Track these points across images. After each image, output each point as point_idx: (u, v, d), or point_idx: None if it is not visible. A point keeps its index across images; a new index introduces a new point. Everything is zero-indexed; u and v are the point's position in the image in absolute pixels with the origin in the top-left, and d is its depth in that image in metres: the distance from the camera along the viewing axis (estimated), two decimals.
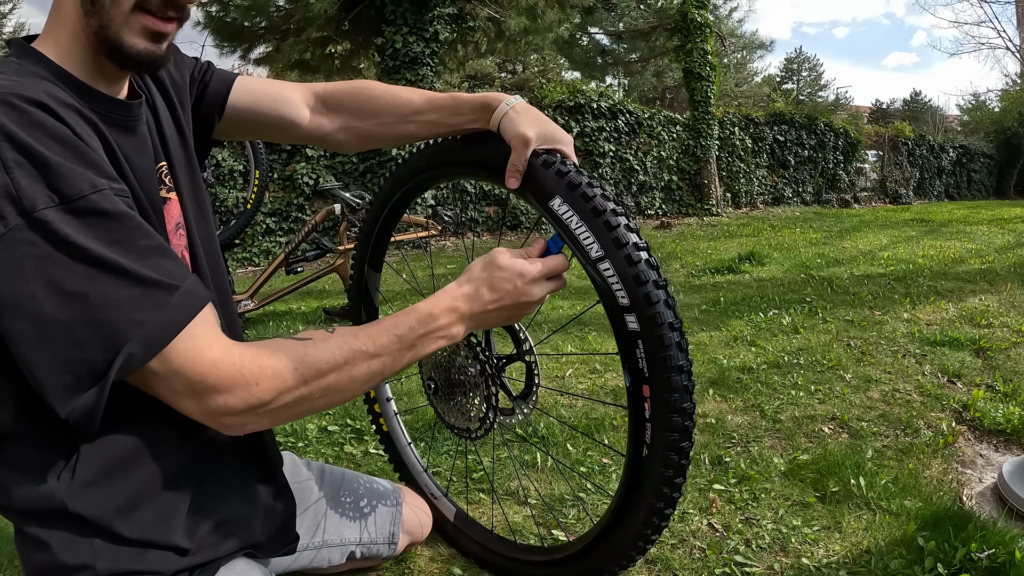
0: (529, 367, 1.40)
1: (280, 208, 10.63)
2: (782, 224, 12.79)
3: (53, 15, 1.03)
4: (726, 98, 42.30)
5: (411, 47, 10.94)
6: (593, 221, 1.13)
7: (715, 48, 16.09)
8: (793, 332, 4.85)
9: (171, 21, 1.02)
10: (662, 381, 1.08)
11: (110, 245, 0.84)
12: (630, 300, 1.10)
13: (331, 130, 1.44)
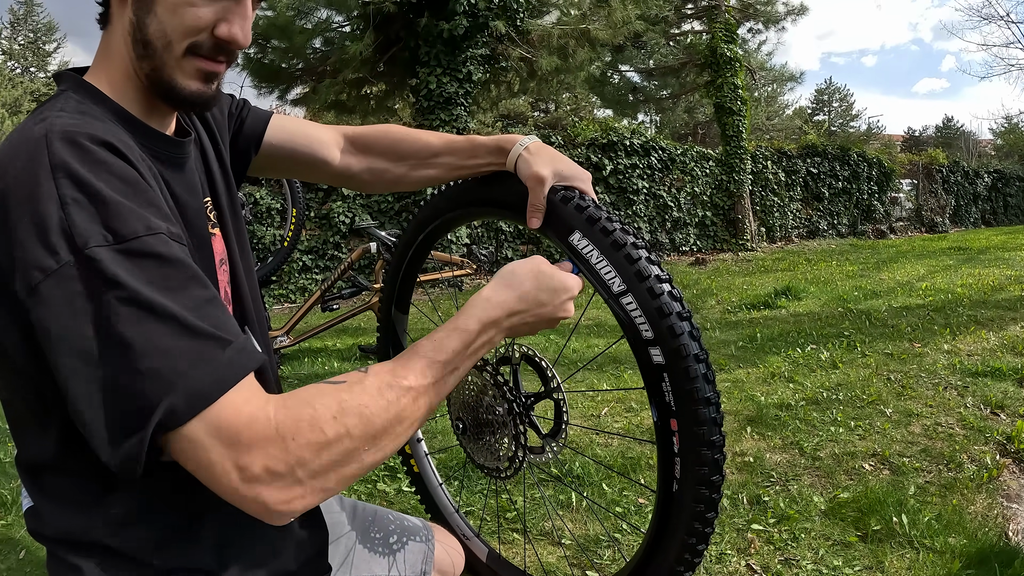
0: (558, 405, 1.39)
1: (316, 246, 10.76)
2: (818, 257, 12.69)
3: (103, 52, 1.04)
4: (758, 132, 42.22)
5: (445, 88, 11.08)
6: (614, 255, 1.12)
7: (745, 82, 16.10)
8: (831, 367, 4.79)
9: (222, 62, 1.03)
10: (689, 414, 1.06)
11: (162, 291, 0.80)
12: (654, 333, 1.08)
13: (358, 171, 1.47)
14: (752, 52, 20.18)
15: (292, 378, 5.55)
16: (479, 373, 1.43)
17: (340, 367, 5.81)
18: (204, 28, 0.97)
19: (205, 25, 0.97)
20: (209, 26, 0.97)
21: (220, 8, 0.98)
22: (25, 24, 50.07)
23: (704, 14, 17.70)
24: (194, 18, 0.96)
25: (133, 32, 0.98)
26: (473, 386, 1.45)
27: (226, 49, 1.00)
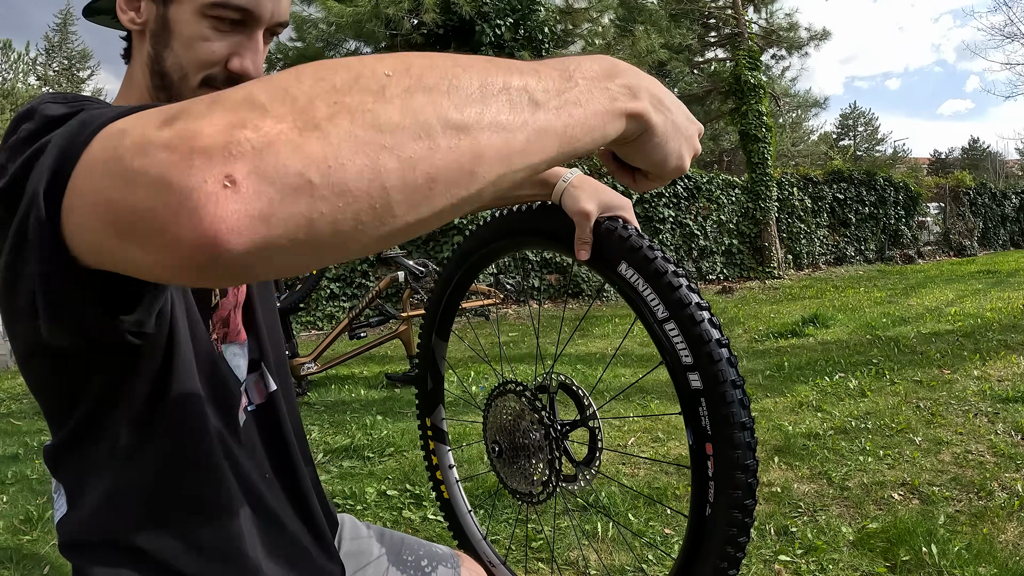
0: (592, 432, 1.42)
1: (344, 274, 10.86)
2: (845, 284, 12.62)
3: (125, 84, 1.10)
4: (783, 158, 42.08)
5: None
6: (657, 282, 1.17)
7: (770, 109, 16.08)
8: (860, 395, 4.76)
9: None
10: (725, 438, 1.08)
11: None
12: (693, 359, 1.11)
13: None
14: (776, 78, 20.20)
15: (319, 404, 5.60)
16: (518, 398, 1.46)
17: (367, 394, 5.85)
18: (217, 62, 1.01)
19: (218, 59, 1.01)
20: (222, 60, 1.02)
21: (232, 43, 1.02)
22: (60, 51, 51.23)
23: (727, 42, 17.80)
24: (208, 52, 1.00)
25: (151, 64, 1.03)
26: (510, 411, 1.48)
27: (239, 82, 0.96)
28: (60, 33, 51.46)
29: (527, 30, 10.92)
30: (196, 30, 1.00)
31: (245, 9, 1.00)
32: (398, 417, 5.00)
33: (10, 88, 42.51)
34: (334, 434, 4.67)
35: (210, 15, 0.99)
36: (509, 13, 10.73)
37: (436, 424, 1.86)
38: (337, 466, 4.04)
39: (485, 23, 10.57)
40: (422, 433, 1.88)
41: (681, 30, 16.34)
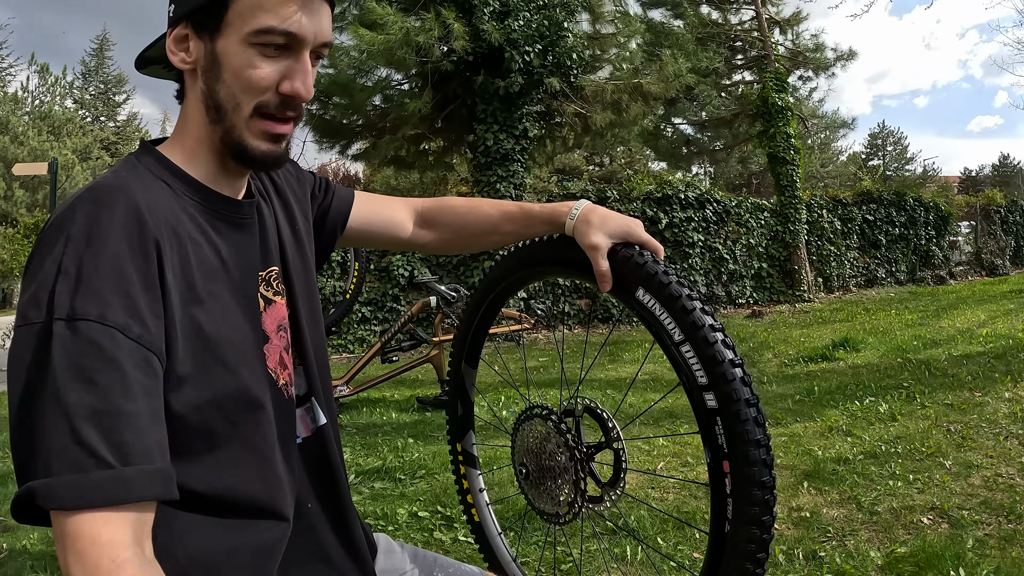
0: (617, 454, 1.45)
1: (376, 298, 10.98)
2: (876, 307, 12.51)
3: (179, 124, 1.14)
4: (812, 179, 41.82)
5: (502, 144, 11.33)
6: (672, 306, 1.21)
7: (798, 131, 16.03)
8: (890, 420, 4.75)
9: (288, 122, 1.10)
10: (741, 455, 1.12)
11: (78, 381, 0.83)
12: (708, 379, 1.15)
13: (428, 241, 1.60)
14: (803, 100, 20.13)
15: (351, 427, 5.66)
16: (544, 422, 1.51)
17: (398, 417, 5.91)
18: (268, 87, 1.05)
19: (269, 84, 1.05)
20: (273, 84, 1.06)
21: (282, 67, 1.06)
22: (96, 76, 52.30)
23: (754, 64, 17.80)
24: (258, 79, 1.04)
25: (205, 99, 1.08)
26: (537, 434, 1.52)
27: (292, 104, 1.08)
28: (97, 58, 52.62)
29: (555, 56, 11.01)
30: (244, 59, 1.04)
31: (289, 33, 1.04)
32: (429, 440, 5.05)
33: (47, 110, 43.33)
34: (366, 456, 4.73)
35: (256, 42, 1.03)
36: (538, 40, 10.83)
37: (467, 449, 1.90)
38: (369, 487, 4.10)
39: (514, 50, 10.68)
40: (453, 458, 1.93)
41: (708, 54, 16.37)
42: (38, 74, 46.61)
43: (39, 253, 0.90)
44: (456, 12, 10.85)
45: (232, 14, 1.03)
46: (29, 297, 0.87)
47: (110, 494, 0.81)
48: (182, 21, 1.07)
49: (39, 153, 36.15)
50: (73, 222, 0.91)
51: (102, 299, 0.87)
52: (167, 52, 1.09)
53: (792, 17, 18.31)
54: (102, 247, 0.90)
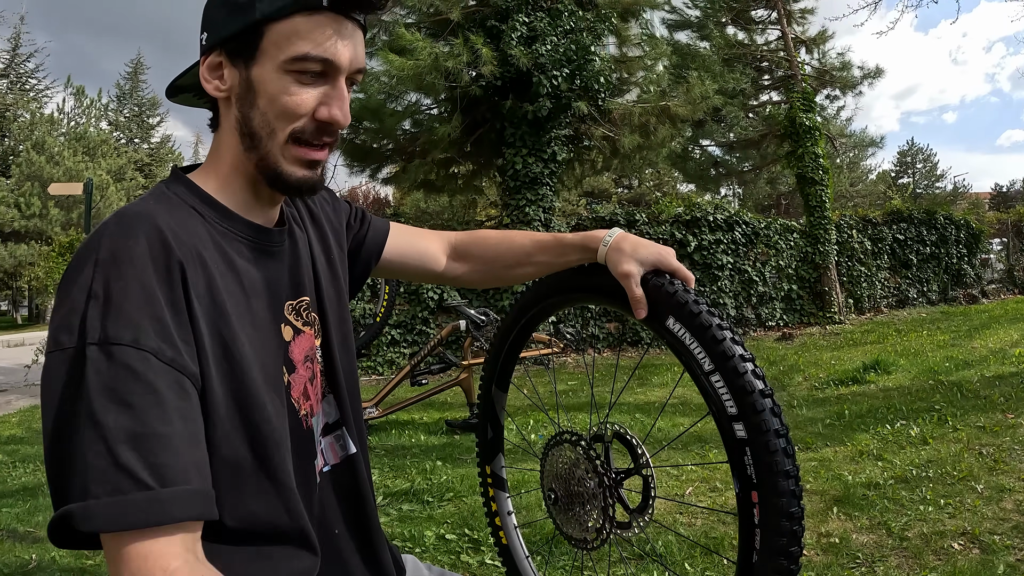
0: (646, 480, 1.45)
1: (405, 320, 11.05)
2: (908, 328, 12.38)
3: (213, 152, 1.15)
4: (842, 199, 41.48)
5: (530, 167, 11.39)
6: (703, 336, 1.22)
7: (826, 150, 15.93)
8: (922, 443, 4.71)
9: (323, 148, 1.11)
10: (770, 486, 1.12)
11: (115, 404, 0.84)
12: (738, 409, 1.17)
13: (461, 273, 1.62)
14: (831, 119, 20.00)
15: (379, 448, 5.71)
16: (573, 448, 1.52)
17: (426, 440, 5.94)
18: (304, 113, 1.06)
19: (305, 110, 1.06)
20: (309, 111, 1.06)
21: (318, 93, 1.07)
22: (130, 98, 53.22)
23: (781, 84, 17.75)
24: (294, 104, 1.05)
25: (240, 127, 1.09)
26: (566, 459, 1.54)
27: (328, 130, 1.09)
28: (131, 81, 53.56)
29: (583, 80, 11.08)
30: (280, 86, 1.05)
31: (325, 59, 1.05)
32: (458, 463, 5.08)
33: (83, 132, 44.06)
34: (394, 478, 4.77)
35: (292, 69, 1.05)
36: (565, 64, 10.91)
37: (496, 472, 1.93)
38: (396, 509, 4.13)
39: (542, 74, 10.76)
40: (482, 480, 1.95)
41: (735, 74, 16.35)
42: (74, 96, 47.40)
43: (68, 279, 0.92)
44: (484, 37, 10.97)
45: (267, 42, 1.05)
46: (60, 322, 0.89)
47: (149, 516, 0.82)
48: (216, 49, 1.09)
49: (74, 173, 36.72)
50: (100, 247, 0.92)
51: (134, 323, 0.88)
52: (201, 80, 1.10)
53: (818, 36, 18.24)
54: (129, 270, 0.91)
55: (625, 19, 13.16)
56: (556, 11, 11.34)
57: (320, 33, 1.04)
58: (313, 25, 1.04)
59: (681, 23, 18.58)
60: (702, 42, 17.95)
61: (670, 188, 38.65)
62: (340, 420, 1.29)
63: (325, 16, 1.05)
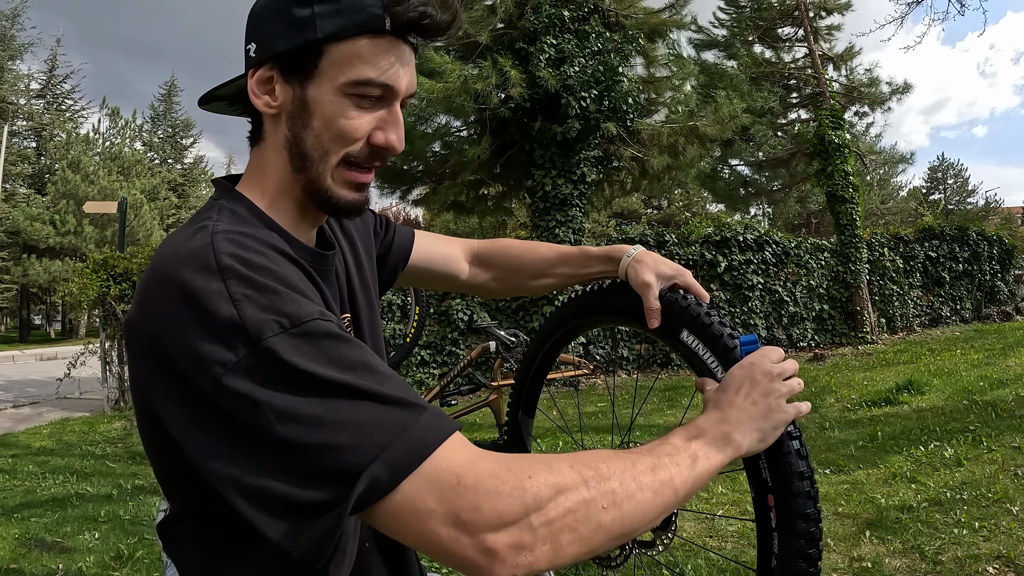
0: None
1: (435, 341, 11.10)
2: (941, 347, 12.23)
3: (255, 166, 1.12)
4: (872, 217, 41.11)
5: (560, 189, 11.46)
6: (715, 345, 1.24)
7: (856, 168, 15.79)
8: (956, 465, 4.66)
9: (372, 171, 1.10)
10: (784, 488, 1.13)
11: (343, 368, 0.80)
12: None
13: (483, 282, 1.64)
14: (860, 136, 19.88)
15: None
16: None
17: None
18: (360, 137, 1.04)
19: (361, 135, 1.04)
20: (365, 135, 1.04)
21: (375, 118, 1.05)
22: (164, 120, 54.15)
23: (809, 102, 17.71)
24: (351, 128, 1.03)
25: (289, 147, 1.06)
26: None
27: (381, 155, 1.07)
28: (165, 103, 54.51)
29: (611, 101, 11.13)
30: (337, 108, 1.02)
31: (387, 85, 1.03)
32: None
33: (117, 152, 44.85)
34: None
35: (352, 93, 1.02)
36: (593, 85, 10.97)
37: None
38: None
39: (570, 96, 10.84)
40: None
41: (763, 93, 16.35)
42: (109, 117, 48.38)
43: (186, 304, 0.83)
44: (513, 60, 11.08)
45: (326, 62, 1.02)
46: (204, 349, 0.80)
47: (440, 428, 0.80)
48: (267, 63, 1.05)
49: (109, 192, 37.34)
50: (220, 259, 0.86)
51: (306, 302, 0.86)
52: (249, 93, 1.07)
53: (845, 52, 18.20)
54: (268, 270, 0.88)
55: (652, 39, 13.20)
56: (583, 33, 11.42)
57: (383, 58, 1.03)
58: (375, 49, 1.03)
59: (708, 42, 18.65)
60: (729, 61, 17.99)
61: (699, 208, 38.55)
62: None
63: (387, 40, 1.04)
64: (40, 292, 42.62)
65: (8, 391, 14.12)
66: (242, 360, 0.78)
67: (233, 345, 0.79)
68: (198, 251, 0.88)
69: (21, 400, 12.58)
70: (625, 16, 12.50)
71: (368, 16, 1.01)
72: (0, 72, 42.09)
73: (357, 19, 1.01)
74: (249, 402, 0.77)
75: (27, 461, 7.09)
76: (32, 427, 9.56)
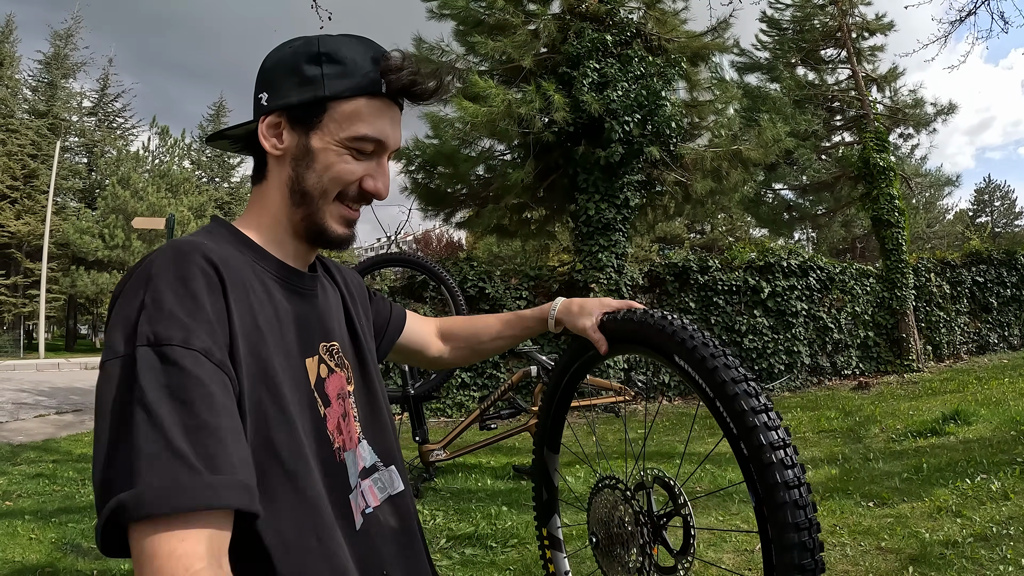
0: (686, 520, 1.44)
1: (476, 364, 11.11)
2: (989, 375, 11.94)
3: (255, 202, 1.27)
4: (918, 241, 40.47)
5: (603, 213, 11.46)
6: (701, 367, 1.26)
7: (901, 191, 15.56)
8: (1003, 498, 4.56)
9: (358, 210, 1.26)
10: (770, 499, 1.12)
11: (167, 399, 0.87)
12: (736, 429, 1.18)
13: (445, 352, 1.81)
14: (905, 158, 19.57)
15: (445, 491, 5.76)
16: (612, 491, 1.57)
17: (493, 484, 5.98)
18: (354, 181, 1.21)
19: (355, 179, 1.21)
20: (358, 180, 1.22)
21: (367, 166, 1.22)
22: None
23: (853, 124, 17.47)
24: (347, 173, 1.20)
25: (291, 184, 1.22)
26: (607, 504, 1.58)
27: (368, 198, 1.25)
28: (213, 123, 55.62)
29: (654, 125, 11.12)
30: (336, 157, 1.19)
31: (380, 141, 1.21)
32: (523, 509, 5.10)
33: (166, 169, 45.85)
34: (458, 521, 4.81)
35: (350, 145, 1.19)
36: (636, 109, 10.99)
37: (552, 533, 1.96)
38: (459, 553, 4.17)
39: (614, 120, 10.86)
40: (540, 543, 1.98)
41: (806, 116, 16.21)
42: (158, 135, 49.47)
43: (123, 295, 0.99)
44: (556, 84, 11.15)
45: (329, 117, 1.19)
46: (113, 333, 0.95)
47: (199, 499, 0.83)
48: (277, 112, 1.21)
49: (157, 209, 38.19)
50: (153, 266, 1.00)
51: (184, 326, 0.94)
52: (259, 136, 1.22)
53: (889, 73, 17.97)
54: (180, 283, 0.98)
55: (695, 63, 13.20)
56: (626, 57, 11.46)
57: (379, 119, 1.21)
58: (372, 109, 1.21)
59: (751, 65, 18.53)
60: (772, 84, 17.83)
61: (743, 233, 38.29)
62: (376, 464, 1.32)
63: (382, 101, 1.22)
64: (87, 303, 43.61)
65: (52, 398, 14.48)
66: (121, 358, 0.92)
67: (126, 342, 0.93)
68: (149, 256, 1.03)
69: (65, 407, 12.92)
70: (667, 40, 12.51)
71: (368, 80, 1.20)
72: (54, 89, 43.39)
73: (358, 82, 1.19)
74: (102, 386, 0.92)
75: (67, 467, 7.26)
76: (74, 434, 9.80)
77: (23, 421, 10.94)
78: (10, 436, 9.36)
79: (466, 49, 12.29)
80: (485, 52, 11.69)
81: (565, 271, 12.26)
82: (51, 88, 43.65)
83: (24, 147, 39.78)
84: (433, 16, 12.39)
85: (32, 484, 6.35)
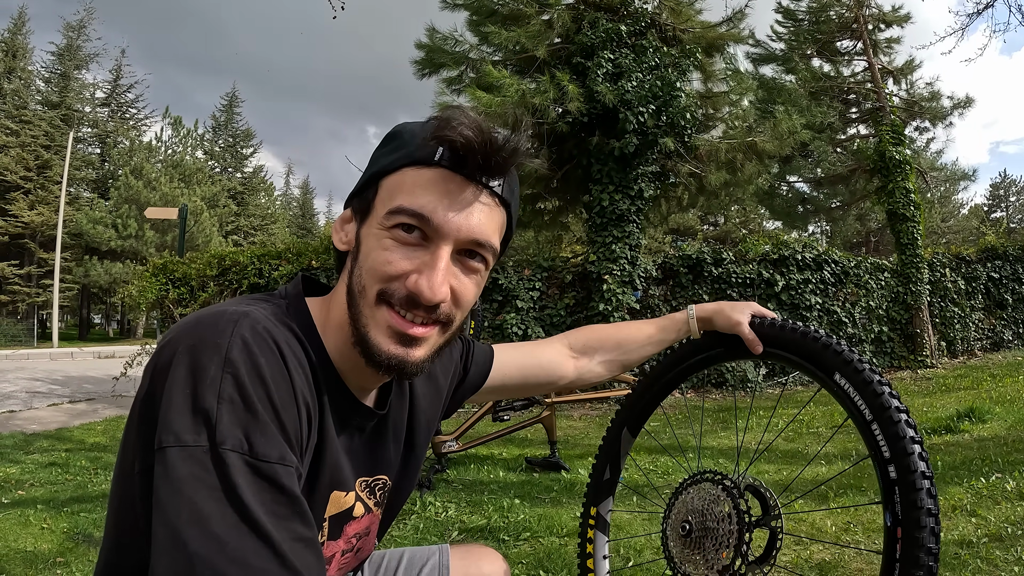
0: (773, 532, 1.49)
1: None
2: (1003, 372, 11.84)
3: (333, 296, 1.12)
4: (933, 235, 40.28)
5: (617, 204, 11.39)
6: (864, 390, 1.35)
7: (917, 185, 15.43)
8: (1018, 498, 4.51)
9: (418, 325, 1.02)
10: (912, 522, 1.20)
11: (270, 515, 0.82)
12: (890, 453, 1.27)
13: (591, 366, 1.72)
14: (921, 151, 19.40)
15: (457, 483, 5.73)
16: (714, 485, 1.58)
17: (505, 476, 5.95)
18: (395, 276, 1.00)
19: (396, 273, 1.00)
20: (400, 274, 1.00)
21: (416, 261, 1.00)
22: (225, 129, 55.64)
23: (869, 117, 17.35)
24: (384, 261, 1.00)
25: (349, 279, 1.05)
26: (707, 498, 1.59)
27: (417, 303, 1.00)
28: (226, 113, 55.90)
29: (669, 116, 11.04)
30: (376, 242, 1.01)
31: (420, 215, 0.99)
32: (536, 502, 5.07)
33: (179, 160, 46.11)
34: (470, 513, 4.78)
35: (389, 224, 1.00)
36: (651, 100, 10.91)
37: (602, 514, 1.95)
38: None
39: (628, 111, 10.78)
40: (584, 520, 1.96)
41: (821, 108, 16.08)
42: (171, 126, 49.82)
43: (189, 366, 0.87)
44: (570, 74, 11.07)
45: (377, 198, 1.04)
46: (181, 416, 0.84)
47: None
48: (349, 206, 1.11)
49: (170, 199, 38.50)
50: (231, 348, 0.88)
51: (279, 441, 0.87)
52: (333, 231, 1.11)
53: (905, 66, 17.82)
54: (268, 386, 0.89)
55: (709, 54, 13.09)
56: (641, 47, 11.38)
57: (425, 189, 1.00)
58: (419, 179, 1.01)
59: (766, 57, 18.40)
60: (787, 76, 17.69)
61: (756, 225, 38.17)
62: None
63: (434, 171, 1.01)
64: (100, 292, 43.96)
65: (66, 386, 14.53)
66: (196, 449, 0.82)
67: (198, 431, 0.82)
68: (221, 325, 0.91)
69: (78, 396, 12.92)
70: (682, 30, 12.42)
71: (415, 146, 1.02)
72: (67, 80, 43.58)
73: (408, 151, 1.02)
74: (173, 485, 0.81)
75: (80, 456, 7.28)
76: (87, 423, 9.82)
77: (36, 410, 10.97)
78: (23, 425, 9.40)
79: (480, 39, 12.21)
80: (499, 42, 11.63)
81: (578, 262, 12.21)
82: (64, 79, 43.89)
83: (37, 138, 40.04)
84: (447, 6, 12.33)
85: (45, 473, 6.36)
